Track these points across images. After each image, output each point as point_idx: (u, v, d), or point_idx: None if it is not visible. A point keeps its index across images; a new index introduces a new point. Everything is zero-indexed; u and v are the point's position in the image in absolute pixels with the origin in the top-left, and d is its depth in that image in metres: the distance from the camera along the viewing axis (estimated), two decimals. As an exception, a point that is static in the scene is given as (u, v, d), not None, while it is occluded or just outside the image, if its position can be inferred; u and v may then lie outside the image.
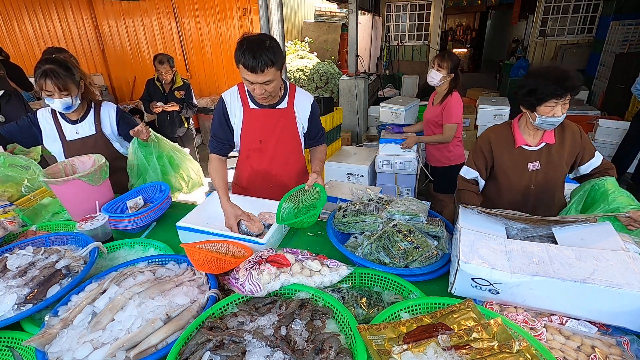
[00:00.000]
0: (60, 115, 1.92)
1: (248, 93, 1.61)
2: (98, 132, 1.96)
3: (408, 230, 1.26)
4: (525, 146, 1.70)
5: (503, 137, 1.74)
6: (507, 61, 9.14)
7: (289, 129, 1.68)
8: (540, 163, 1.69)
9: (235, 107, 1.62)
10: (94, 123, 1.96)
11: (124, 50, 6.99)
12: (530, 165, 1.69)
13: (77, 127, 1.94)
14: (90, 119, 1.95)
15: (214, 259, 1.09)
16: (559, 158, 1.66)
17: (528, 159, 1.70)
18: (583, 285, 0.90)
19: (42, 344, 0.90)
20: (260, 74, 1.35)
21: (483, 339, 0.81)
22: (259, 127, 1.64)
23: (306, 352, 0.82)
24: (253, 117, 1.62)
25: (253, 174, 1.78)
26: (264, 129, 1.65)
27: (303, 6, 7.19)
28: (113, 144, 2.04)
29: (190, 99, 3.78)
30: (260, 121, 1.64)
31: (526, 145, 1.70)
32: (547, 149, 1.68)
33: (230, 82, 6.56)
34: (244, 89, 1.62)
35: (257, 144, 1.68)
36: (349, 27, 5.48)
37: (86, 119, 1.95)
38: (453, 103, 2.67)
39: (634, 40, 6.04)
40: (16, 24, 7.04)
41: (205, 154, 6.05)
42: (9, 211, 1.64)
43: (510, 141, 1.73)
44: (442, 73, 2.66)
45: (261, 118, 1.63)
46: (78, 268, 1.19)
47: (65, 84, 1.71)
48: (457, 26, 16.73)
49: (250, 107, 1.61)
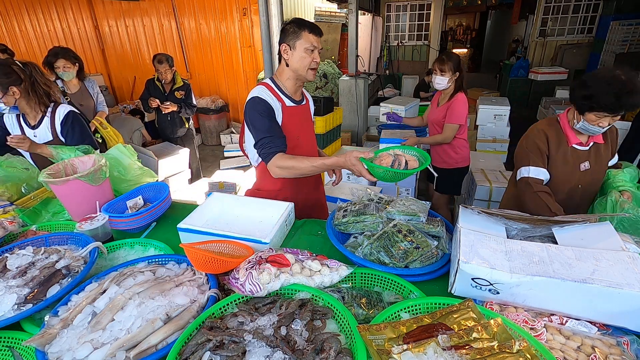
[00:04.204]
0: (23, 119, 1.92)
1: (280, 90, 1.64)
2: (55, 138, 1.94)
3: (408, 230, 1.26)
4: (577, 145, 1.62)
5: (557, 134, 1.63)
6: (507, 61, 9.14)
7: (311, 124, 1.82)
8: (590, 163, 1.62)
9: (275, 105, 1.61)
10: (50, 128, 1.93)
11: (124, 50, 6.99)
12: (582, 165, 1.62)
13: (36, 132, 1.93)
14: (46, 123, 1.93)
15: (214, 259, 1.09)
16: (605, 157, 1.64)
17: (580, 159, 1.62)
18: (583, 285, 0.90)
19: (42, 344, 0.90)
20: (320, 37, 1.57)
21: (483, 339, 0.81)
22: (296, 122, 1.67)
23: (306, 352, 0.82)
24: (290, 113, 1.65)
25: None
26: (299, 125, 1.68)
27: (303, 6, 7.18)
28: None
29: (189, 99, 3.78)
30: (296, 116, 1.68)
31: (578, 144, 1.61)
32: (595, 148, 1.63)
33: (230, 82, 6.57)
34: (273, 88, 1.63)
35: (296, 140, 1.68)
36: (349, 27, 5.48)
37: (42, 123, 1.93)
38: (458, 103, 2.64)
39: (634, 40, 6.04)
40: (16, 24, 7.05)
41: (205, 154, 6.06)
42: (9, 211, 1.65)
43: (563, 139, 1.62)
44: (447, 76, 2.62)
45: (295, 114, 1.68)
46: (78, 268, 1.19)
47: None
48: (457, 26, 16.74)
49: (286, 104, 1.64)
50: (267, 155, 1.52)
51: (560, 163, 1.63)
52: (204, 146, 6.53)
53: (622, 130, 4.29)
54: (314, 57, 1.58)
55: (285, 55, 1.60)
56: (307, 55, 1.56)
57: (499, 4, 11.22)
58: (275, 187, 1.78)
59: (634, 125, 4.10)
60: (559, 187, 1.66)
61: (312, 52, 1.57)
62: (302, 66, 1.58)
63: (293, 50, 1.57)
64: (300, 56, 1.57)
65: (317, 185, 1.98)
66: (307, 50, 1.55)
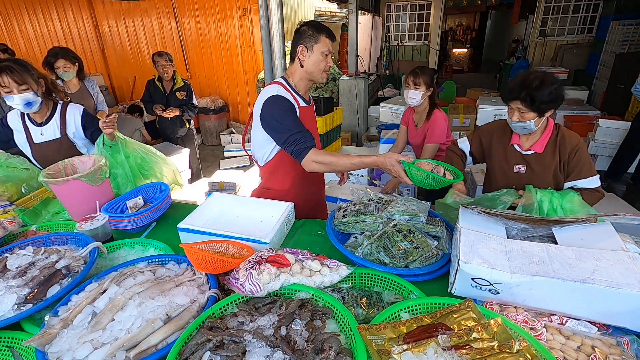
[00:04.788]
0: (28, 117, 1.91)
1: (293, 90, 1.66)
2: (63, 136, 1.95)
3: (408, 230, 1.26)
4: (517, 146, 1.71)
5: (502, 132, 1.76)
6: (507, 61, 9.15)
7: (316, 125, 1.88)
8: (526, 168, 1.70)
9: (294, 104, 1.62)
10: (59, 126, 1.94)
11: (124, 50, 6.99)
12: (516, 166, 1.71)
13: (42, 130, 1.93)
14: (55, 121, 1.94)
15: (214, 259, 1.09)
16: (544, 170, 1.65)
17: (516, 159, 1.72)
18: (583, 285, 0.90)
19: (42, 344, 0.90)
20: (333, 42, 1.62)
21: (483, 339, 0.81)
22: (307, 123, 1.67)
23: (306, 352, 0.82)
24: (303, 112, 1.67)
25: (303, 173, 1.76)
26: (309, 125, 1.68)
27: (303, 6, 7.19)
28: (79, 148, 2.02)
29: (191, 100, 3.78)
30: (307, 117, 1.70)
31: (518, 145, 1.71)
32: (535, 157, 1.68)
33: (230, 82, 6.56)
34: (288, 88, 1.64)
35: None
36: (349, 27, 5.48)
37: (51, 122, 1.93)
38: (438, 124, 2.52)
39: (634, 40, 6.04)
40: (16, 24, 7.05)
41: (205, 154, 6.05)
42: (9, 211, 1.65)
43: (507, 137, 1.75)
44: (421, 90, 2.50)
45: (307, 113, 1.71)
46: (78, 268, 1.19)
47: (23, 77, 1.69)
48: (457, 26, 16.74)
49: (300, 104, 1.66)
50: (301, 151, 1.48)
51: (498, 156, 1.79)
52: (204, 146, 6.52)
53: (622, 131, 4.30)
54: (328, 61, 1.63)
55: (301, 56, 1.61)
56: (323, 58, 1.61)
57: (499, 4, 11.23)
58: (284, 186, 1.79)
59: (634, 125, 4.10)
60: (496, 179, 1.83)
61: (326, 57, 1.62)
62: (318, 69, 1.62)
63: (310, 52, 1.59)
64: (317, 59, 1.60)
65: (320, 184, 2.00)
66: (323, 54, 1.60)
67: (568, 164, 1.63)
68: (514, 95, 1.55)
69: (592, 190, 1.62)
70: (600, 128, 4.50)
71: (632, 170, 4.30)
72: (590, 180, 1.61)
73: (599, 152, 4.60)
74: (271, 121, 1.56)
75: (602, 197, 1.63)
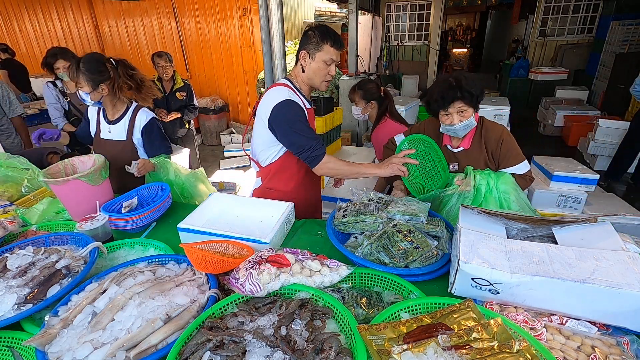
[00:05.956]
0: (103, 112, 1.97)
1: (299, 93, 1.65)
2: (128, 139, 1.95)
3: (408, 230, 1.26)
4: (449, 146, 1.75)
5: (434, 134, 1.76)
6: (507, 61, 9.15)
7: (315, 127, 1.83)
8: (458, 166, 1.74)
9: (304, 108, 1.62)
10: (127, 129, 1.95)
11: (124, 50, 6.99)
12: (450, 165, 1.74)
13: (111, 127, 1.95)
14: (124, 123, 1.95)
15: (214, 259, 1.09)
16: (475, 164, 1.68)
17: (450, 158, 1.74)
18: (583, 285, 0.90)
19: (42, 344, 0.90)
20: (341, 51, 1.57)
21: (483, 339, 0.81)
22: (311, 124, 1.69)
23: (306, 352, 0.82)
24: (309, 115, 1.68)
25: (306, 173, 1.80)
26: (313, 125, 1.70)
27: (303, 6, 7.19)
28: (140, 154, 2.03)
29: (191, 101, 3.78)
30: (311, 117, 1.71)
31: (450, 145, 1.74)
32: (464, 153, 1.72)
33: (230, 82, 6.57)
34: (295, 90, 1.63)
35: None
36: (349, 27, 5.48)
37: (121, 122, 1.95)
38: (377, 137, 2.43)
39: (634, 40, 6.05)
40: (16, 24, 7.06)
41: (205, 154, 6.05)
42: (9, 211, 1.65)
43: (439, 139, 1.77)
44: (360, 105, 2.47)
45: (311, 115, 1.71)
46: (78, 268, 1.19)
47: (77, 77, 1.76)
48: (457, 26, 16.75)
49: (306, 107, 1.66)
50: (315, 158, 1.55)
51: None
52: (204, 146, 6.52)
53: (622, 130, 4.30)
54: (329, 71, 1.59)
55: (303, 61, 1.60)
56: (324, 67, 1.57)
57: (499, 4, 11.23)
58: (288, 187, 1.79)
59: (632, 125, 4.10)
60: None
61: (329, 66, 1.58)
62: (317, 77, 1.60)
63: (311, 59, 1.57)
64: (317, 67, 1.57)
65: (319, 185, 2.02)
66: (325, 62, 1.56)
67: (496, 154, 1.68)
68: (452, 98, 1.54)
69: (522, 175, 1.67)
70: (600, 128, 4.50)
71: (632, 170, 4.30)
72: (519, 166, 1.66)
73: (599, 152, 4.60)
74: (286, 128, 1.56)
75: (533, 181, 1.72)
